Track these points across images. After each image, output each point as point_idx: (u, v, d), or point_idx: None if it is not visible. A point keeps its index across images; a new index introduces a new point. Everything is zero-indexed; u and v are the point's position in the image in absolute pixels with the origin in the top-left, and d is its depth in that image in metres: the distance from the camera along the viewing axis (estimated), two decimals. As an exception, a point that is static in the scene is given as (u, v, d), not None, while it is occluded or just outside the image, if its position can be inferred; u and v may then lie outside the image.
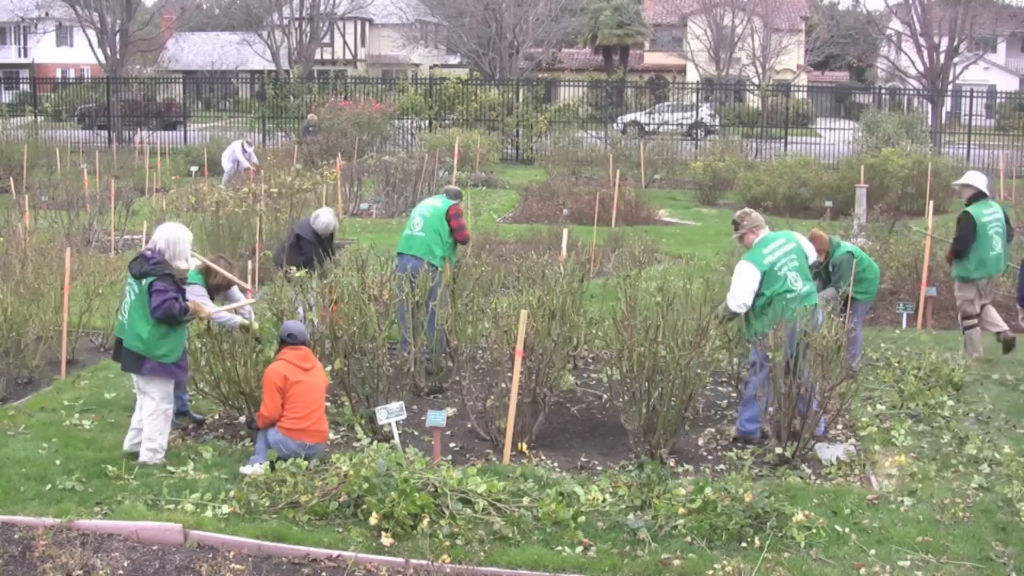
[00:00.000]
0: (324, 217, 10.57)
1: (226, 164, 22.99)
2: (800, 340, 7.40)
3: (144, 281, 7.16)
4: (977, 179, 10.73)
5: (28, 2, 44.59)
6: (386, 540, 5.98)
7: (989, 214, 10.51)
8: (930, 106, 35.70)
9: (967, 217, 10.45)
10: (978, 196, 10.59)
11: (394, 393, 8.25)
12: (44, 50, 57.07)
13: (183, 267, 7.40)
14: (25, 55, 59.85)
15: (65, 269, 9.68)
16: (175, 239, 7.33)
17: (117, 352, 7.45)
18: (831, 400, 7.51)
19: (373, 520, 6.09)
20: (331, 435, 8.06)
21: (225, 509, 6.46)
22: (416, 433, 8.04)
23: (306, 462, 6.81)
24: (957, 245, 10.56)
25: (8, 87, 52.37)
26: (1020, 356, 10.40)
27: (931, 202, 14.74)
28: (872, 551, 6.07)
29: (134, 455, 7.34)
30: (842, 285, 9.43)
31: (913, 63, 36.59)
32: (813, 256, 8.41)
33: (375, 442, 7.05)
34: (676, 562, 5.85)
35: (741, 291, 7.90)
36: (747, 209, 8.63)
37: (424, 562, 5.73)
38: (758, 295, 7.87)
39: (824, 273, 9.71)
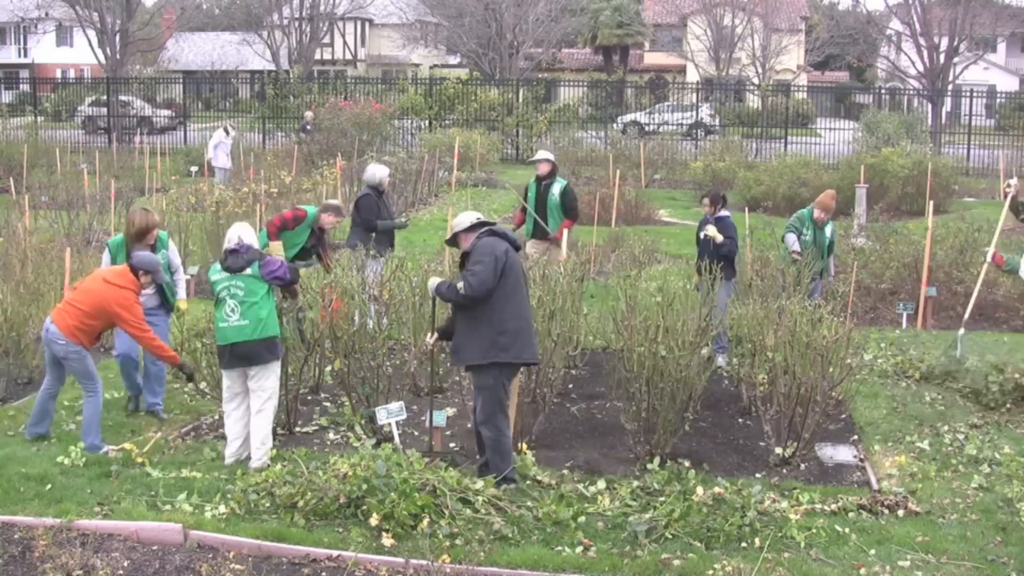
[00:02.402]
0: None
1: (222, 163, 23.07)
2: None
3: (249, 270, 7.29)
4: None
5: (28, 2, 44.56)
6: (387, 541, 5.98)
7: None
8: (930, 106, 35.68)
9: None
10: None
11: (394, 393, 8.25)
12: (44, 50, 57.01)
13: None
14: (25, 55, 59.78)
15: (65, 269, 9.68)
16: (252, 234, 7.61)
17: (240, 356, 7.28)
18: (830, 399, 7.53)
19: (374, 521, 6.09)
20: (331, 435, 8.09)
21: (224, 509, 6.46)
22: (416, 433, 8.04)
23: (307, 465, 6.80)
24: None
25: (8, 87, 52.31)
26: (1020, 356, 10.38)
27: (931, 202, 14.74)
28: (872, 551, 6.07)
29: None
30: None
31: (913, 63, 36.58)
32: None
33: (379, 443, 7.05)
34: (676, 562, 5.85)
35: None
36: None
37: (424, 562, 5.72)
38: None
39: (819, 235, 10.53)
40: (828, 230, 10.75)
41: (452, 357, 7.26)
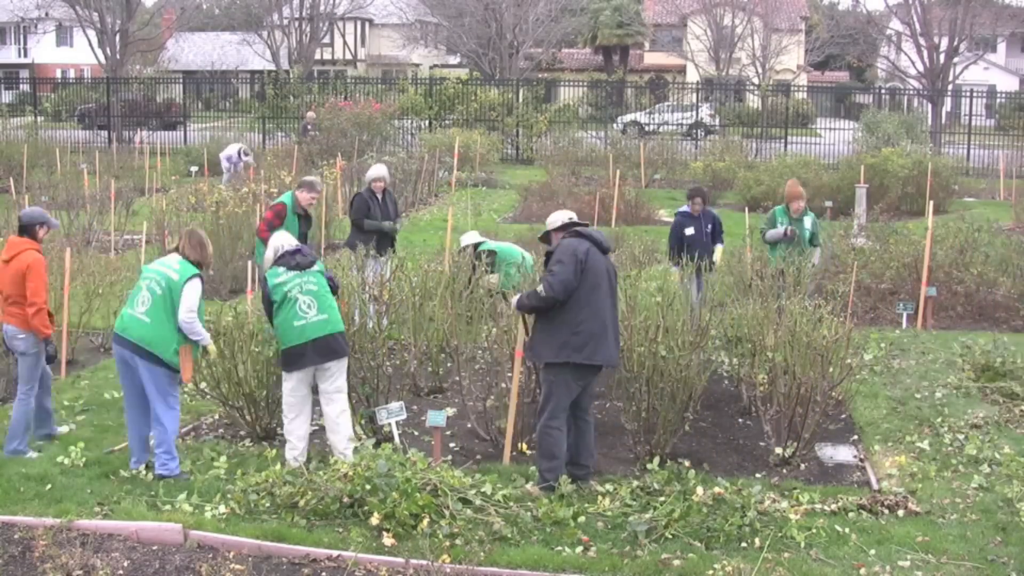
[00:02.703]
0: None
1: (224, 164, 23.01)
2: None
3: (316, 266, 7.31)
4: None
5: (28, 2, 44.55)
6: (387, 540, 5.98)
7: None
8: (930, 106, 35.69)
9: None
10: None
11: (394, 393, 8.25)
12: (44, 50, 57.00)
13: None
14: (25, 55, 59.78)
15: (65, 269, 9.68)
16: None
17: (324, 350, 7.14)
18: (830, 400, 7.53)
19: (375, 520, 6.08)
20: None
21: (224, 509, 6.46)
22: (416, 433, 8.03)
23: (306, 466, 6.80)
24: None
25: (8, 87, 52.30)
26: (1019, 360, 10.38)
27: (931, 202, 14.73)
28: (872, 551, 6.07)
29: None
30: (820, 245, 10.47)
31: (913, 63, 36.58)
32: None
33: (379, 443, 7.05)
34: (676, 562, 5.85)
35: None
36: None
37: (424, 562, 5.72)
38: None
39: (798, 227, 10.42)
40: (808, 222, 10.70)
41: (528, 354, 7.19)
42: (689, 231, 10.51)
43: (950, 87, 37.11)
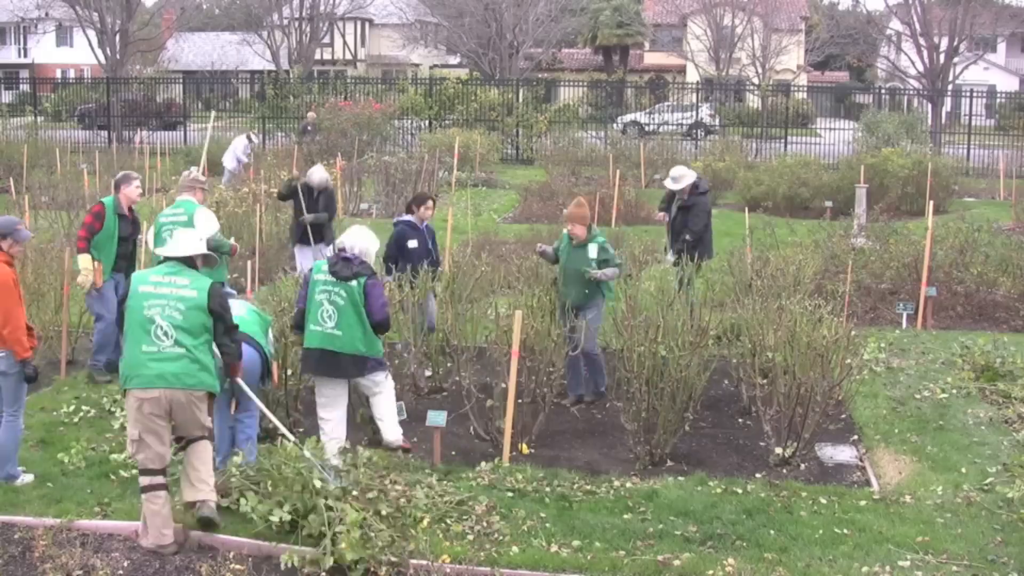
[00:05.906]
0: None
1: (229, 163, 22.87)
2: None
3: (355, 283, 7.09)
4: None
5: (28, 2, 44.56)
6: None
7: None
8: (930, 106, 35.68)
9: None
10: None
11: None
12: (44, 50, 56.99)
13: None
14: (25, 55, 59.76)
15: (65, 269, 9.68)
16: (370, 244, 7.41)
17: (326, 365, 7.14)
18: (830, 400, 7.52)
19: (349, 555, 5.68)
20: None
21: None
22: (415, 437, 8.02)
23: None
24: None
25: (8, 87, 52.28)
26: (1019, 361, 10.39)
27: (931, 202, 14.72)
28: (872, 551, 6.07)
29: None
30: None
31: (913, 63, 36.57)
32: None
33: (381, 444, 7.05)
34: (676, 562, 5.85)
35: None
36: None
37: (424, 562, 5.72)
38: None
39: (573, 255, 8.70)
40: (593, 250, 8.67)
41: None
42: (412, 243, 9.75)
43: (950, 87, 37.09)
